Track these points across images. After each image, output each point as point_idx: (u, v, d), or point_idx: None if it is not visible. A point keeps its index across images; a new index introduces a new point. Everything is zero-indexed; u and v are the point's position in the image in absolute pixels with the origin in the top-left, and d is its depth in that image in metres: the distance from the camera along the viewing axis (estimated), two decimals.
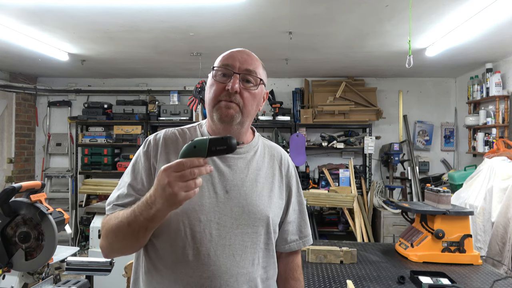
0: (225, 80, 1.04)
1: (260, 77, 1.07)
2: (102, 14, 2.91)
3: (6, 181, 5.03)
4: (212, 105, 1.04)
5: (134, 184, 1.03)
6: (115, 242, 0.97)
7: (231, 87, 1.01)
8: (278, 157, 1.17)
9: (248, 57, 1.08)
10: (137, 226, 0.90)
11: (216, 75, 1.06)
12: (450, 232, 1.93)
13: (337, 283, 1.61)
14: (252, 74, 1.05)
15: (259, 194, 1.05)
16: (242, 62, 1.05)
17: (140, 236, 0.92)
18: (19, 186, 1.29)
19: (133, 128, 5.06)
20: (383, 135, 5.21)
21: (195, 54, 4.03)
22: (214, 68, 1.07)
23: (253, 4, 2.68)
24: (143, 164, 1.04)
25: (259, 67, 1.09)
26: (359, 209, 4.48)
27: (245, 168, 1.07)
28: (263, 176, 1.09)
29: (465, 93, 4.71)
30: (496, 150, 3.48)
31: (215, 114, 1.03)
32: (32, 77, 5.42)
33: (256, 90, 1.06)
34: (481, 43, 3.49)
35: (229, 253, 0.98)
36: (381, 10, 2.76)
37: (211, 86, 1.06)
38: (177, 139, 1.08)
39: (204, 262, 0.96)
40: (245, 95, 1.04)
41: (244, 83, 1.04)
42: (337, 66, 4.59)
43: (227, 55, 1.07)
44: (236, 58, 1.05)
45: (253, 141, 1.13)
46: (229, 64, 1.04)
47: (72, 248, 1.78)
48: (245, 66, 1.05)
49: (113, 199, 1.03)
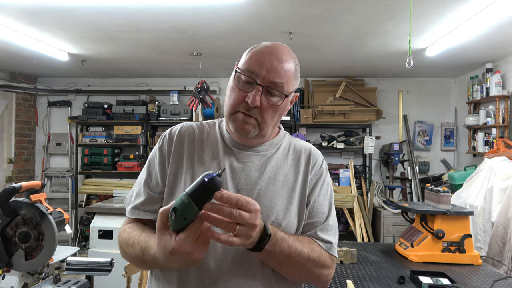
0: (247, 88, 0.92)
1: (286, 94, 0.94)
2: (102, 14, 2.91)
3: (6, 181, 5.03)
4: (229, 114, 0.96)
5: (149, 181, 1.01)
6: (133, 262, 0.98)
7: (251, 101, 0.90)
8: (306, 152, 1.05)
9: (279, 64, 0.92)
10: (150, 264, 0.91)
11: (238, 80, 0.94)
12: (450, 232, 1.93)
13: (337, 283, 1.61)
14: (278, 87, 0.92)
15: (276, 194, 0.96)
16: (269, 71, 0.91)
17: (155, 267, 0.96)
18: (19, 186, 1.29)
19: (133, 128, 5.06)
20: (383, 135, 5.21)
21: (195, 54, 4.03)
22: (237, 71, 0.95)
23: (253, 4, 2.68)
24: (157, 160, 1.02)
25: (289, 79, 0.94)
26: (359, 209, 4.48)
27: (262, 166, 0.99)
28: (283, 174, 0.99)
29: (465, 93, 4.71)
30: (496, 150, 3.48)
31: (231, 124, 0.96)
32: (32, 77, 5.42)
33: (280, 103, 0.94)
34: (481, 43, 3.49)
35: (235, 259, 0.91)
36: (381, 10, 2.76)
37: (231, 91, 0.96)
38: (193, 132, 1.04)
39: (207, 268, 0.90)
40: (266, 110, 0.93)
41: (268, 95, 0.93)
42: (337, 66, 4.59)
43: (255, 58, 0.93)
44: (264, 65, 0.91)
45: (275, 139, 1.05)
46: (254, 72, 0.91)
47: (72, 248, 1.78)
48: (272, 77, 0.91)
49: (132, 199, 1.02)
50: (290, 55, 0.96)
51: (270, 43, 0.97)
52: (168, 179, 0.99)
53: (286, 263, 0.90)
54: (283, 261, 0.89)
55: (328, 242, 0.98)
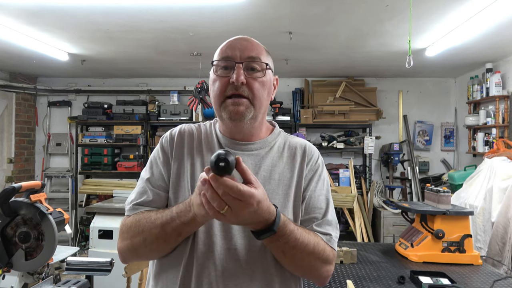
0: (227, 73, 0.96)
1: (265, 62, 0.98)
2: (102, 14, 2.91)
3: (6, 181, 5.03)
4: (219, 103, 0.97)
5: (152, 179, 1.00)
6: (142, 245, 0.92)
7: (236, 79, 0.93)
8: (302, 148, 1.05)
9: (248, 43, 0.99)
10: (171, 229, 0.87)
11: (217, 70, 0.98)
12: (450, 232, 1.93)
13: (337, 283, 1.61)
14: (256, 60, 0.97)
15: (272, 192, 0.97)
16: (242, 50, 0.97)
17: (172, 240, 0.90)
18: (19, 186, 1.29)
19: (133, 128, 5.06)
20: (383, 135, 5.21)
21: (195, 54, 4.03)
22: (213, 63, 0.99)
23: (253, 4, 2.68)
24: (161, 159, 1.02)
25: (262, 52, 1.00)
26: (359, 209, 4.48)
27: (257, 165, 0.99)
28: (279, 173, 0.99)
29: (465, 93, 4.71)
30: (496, 150, 3.48)
31: (223, 113, 0.96)
32: (32, 77, 5.42)
33: (264, 77, 0.97)
34: (481, 43, 3.49)
35: (233, 257, 0.91)
36: (381, 10, 2.76)
37: (214, 83, 0.98)
38: (192, 132, 1.05)
39: (206, 267, 0.91)
40: (253, 85, 0.95)
41: (249, 71, 0.96)
42: (337, 66, 4.59)
43: (225, 46, 0.99)
44: (235, 47, 0.97)
45: (269, 137, 1.05)
46: (229, 55, 0.96)
47: (72, 248, 1.77)
48: (247, 53, 0.96)
49: (133, 198, 1.00)
50: (256, 41, 1.03)
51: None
52: (171, 177, 1.00)
53: (290, 253, 0.89)
54: (286, 251, 0.89)
55: (327, 234, 0.97)
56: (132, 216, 0.96)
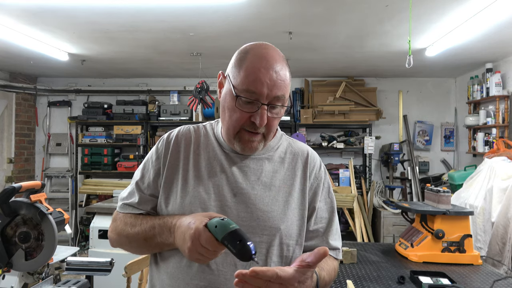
0: (249, 108, 0.89)
1: (287, 102, 0.95)
2: (102, 14, 2.91)
3: (6, 181, 5.03)
4: (233, 134, 0.94)
5: (140, 182, 1.02)
6: (128, 246, 1.00)
7: (260, 123, 0.89)
8: (303, 156, 1.04)
9: (277, 76, 0.89)
10: (154, 244, 0.92)
11: (239, 101, 0.90)
12: (450, 232, 1.93)
13: (337, 283, 1.61)
14: (281, 100, 0.91)
15: (273, 199, 0.96)
16: (271, 87, 0.88)
17: (154, 251, 0.96)
18: (19, 186, 1.29)
19: (133, 128, 5.06)
20: (383, 135, 5.21)
21: (195, 54, 4.03)
22: (235, 91, 0.90)
23: (253, 4, 2.68)
24: (153, 163, 1.02)
25: (288, 85, 0.92)
26: (359, 209, 4.48)
27: (258, 170, 0.98)
28: (280, 179, 0.98)
29: (465, 93, 4.71)
30: (496, 150, 3.48)
31: (236, 143, 0.94)
32: (32, 77, 5.42)
33: (282, 112, 0.94)
34: (481, 43, 3.49)
35: (230, 262, 0.91)
36: (381, 10, 2.76)
37: (231, 111, 0.91)
38: (190, 135, 1.03)
39: (201, 270, 0.90)
40: (272, 122, 0.93)
41: (271, 109, 0.91)
42: (337, 66, 4.59)
43: (252, 77, 0.88)
44: (263, 83, 0.87)
45: (272, 141, 1.03)
46: (255, 92, 0.88)
47: (72, 248, 1.77)
48: (275, 92, 0.88)
49: (124, 196, 1.04)
50: (281, 58, 0.93)
51: (258, 50, 0.92)
52: (164, 183, 0.99)
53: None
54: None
55: (336, 248, 1.03)
56: (122, 216, 1.02)
